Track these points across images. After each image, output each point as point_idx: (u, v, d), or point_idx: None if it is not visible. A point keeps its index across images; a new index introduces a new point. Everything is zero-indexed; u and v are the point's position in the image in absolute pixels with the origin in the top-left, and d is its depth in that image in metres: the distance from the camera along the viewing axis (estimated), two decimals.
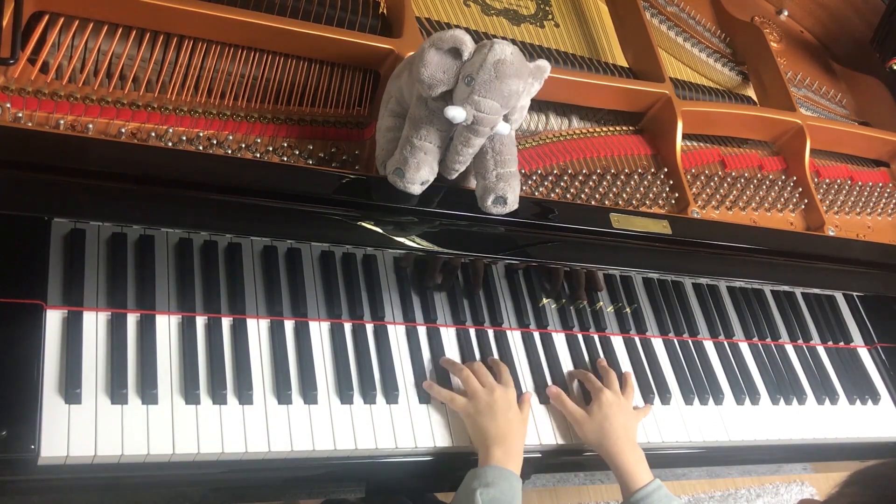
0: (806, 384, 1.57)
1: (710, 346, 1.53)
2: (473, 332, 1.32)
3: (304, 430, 1.11)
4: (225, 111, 1.23)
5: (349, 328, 1.23)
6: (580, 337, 1.41)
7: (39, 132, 1.06)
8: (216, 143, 1.19)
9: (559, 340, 1.39)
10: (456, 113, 1.07)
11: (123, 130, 1.13)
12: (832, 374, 1.62)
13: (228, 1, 1.20)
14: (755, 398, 1.48)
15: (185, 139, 1.18)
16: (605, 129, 1.56)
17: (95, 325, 1.07)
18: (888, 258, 1.62)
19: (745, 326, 1.58)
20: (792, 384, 1.55)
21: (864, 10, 2.04)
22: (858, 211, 1.79)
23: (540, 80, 1.17)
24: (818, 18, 2.09)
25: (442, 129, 1.14)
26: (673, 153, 1.52)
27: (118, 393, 1.02)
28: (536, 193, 1.39)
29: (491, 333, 1.33)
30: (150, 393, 1.04)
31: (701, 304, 1.56)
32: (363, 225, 1.17)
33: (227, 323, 1.15)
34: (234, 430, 1.07)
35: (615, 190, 1.47)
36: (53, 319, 1.04)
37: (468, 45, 1.08)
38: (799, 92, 1.91)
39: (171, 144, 1.16)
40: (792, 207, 1.67)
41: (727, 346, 1.54)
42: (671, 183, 1.51)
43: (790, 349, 1.62)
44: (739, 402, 1.46)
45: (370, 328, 1.25)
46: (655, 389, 1.40)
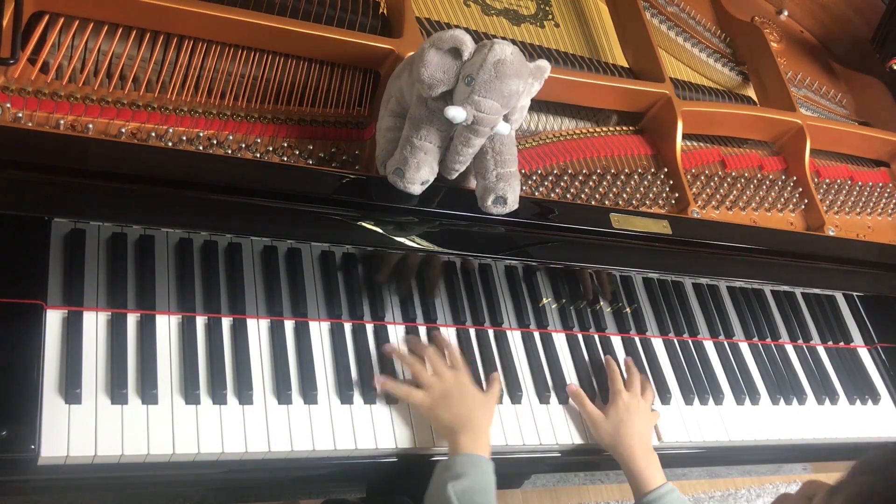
0: (806, 384, 1.57)
1: (710, 346, 1.53)
2: (473, 332, 1.32)
3: (304, 430, 1.11)
4: (225, 111, 1.23)
5: (349, 328, 1.23)
6: (580, 337, 1.41)
7: (39, 132, 1.06)
8: (216, 143, 1.19)
9: (559, 340, 1.39)
10: (456, 113, 1.07)
11: (123, 130, 1.13)
12: (832, 374, 1.62)
13: (228, 1, 1.20)
14: (755, 398, 1.48)
15: (185, 139, 1.18)
16: (605, 129, 1.56)
17: (95, 325, 1.07)
18: (888, 258, 1.62)
19: (745, 326, 1.58)
20: (792, 384, 1.55)
21: (864, 10, 2.04)
22: (858, 211, 1.79)
23: (540, 80, 1.17)
24: (818, 18, 2.09)
25: (442, 129, 1.14)
26: (673, 153, 1.52)
27: (118, 393, 1.02)
28: (536, 193, 1.39)
29: (491, 333, 1.33)
30: (150, 393, 1.04)
31: (701, 304, 1.56)
32: (363, 225, 1.17)
33: (227, 323, 1.15)
34: (234, 430, 1.07)
35: (615, 190, 1.47)
36: (53, 319, 1.04)
37: (468, 45, 1.08)
38: (799, 92, 1.91)
39: (171, 144, 1.16)
40: (792, 207, 1.67)
41: (727, 346, 1.54)
42: (671, 183, 1.51)
43: (790, 349, 1.62)
44: (739, 402, 1.46)
45: (370, 328, 1.25)
46: (655, 389, 1.40)
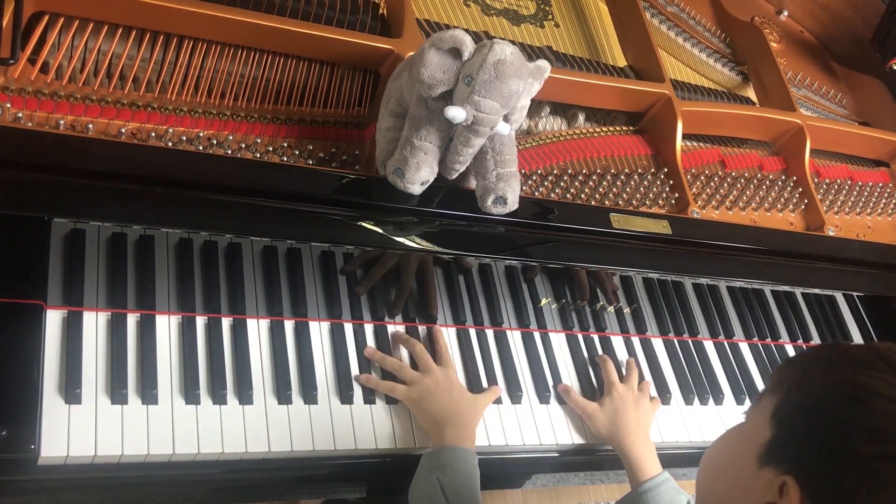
0: None
1: (710, 346, 1.53)
2: (473, 332, 1.32)
3: (304, 430, 1.11)
4: (225, 111, 1.23)
5: (349, 328, 1.23)
6: (580, 337, 1.41)
7: (39, 132, 1.06)
8: (216, 143, 1.19)
9: (559, 340, 1.39)
10: (456, 113, 1.07)
11: (123, 130, 1.13)
12: None
13: (228, 1, 1.20)
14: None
15: (185, 139, 1.18)
16: (605, 129, 1.56)
17: (95, 325, 1.07)
18: (888, 258, 1.61)
19: (745, 326, 1.59)
20: None
21: (864, 10, 2.04)
22: (858, 211, 1.78)
23: (540, 80, 1.17)
24: (818, 18, 2.09)
25: (442, 129, 1.14)
26: (673, 153, 1.52)
27: (118, 393, 1.02)
28: (536, 193, 1.39)
29: (491, 333, 1.33)
30: (150, 393, 1.04)
31: (701, 304, 1.56)
32: (363, 225, 1.17)
33: (227, 323, 1.15)
34: (234, 430, 1.07)
35: (615, 190, 1.46)
36: (53, 319, 1.04)
37: (468, 45, 1.08)
38: (799, 92, 1.91)
39: (171, 144, 1.16)
40: (792, 207, 1.67)
41: (727, 346, 1.54)
42: (671, 183, 1.51)
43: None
44: (739, 402, 1.46)
45: (370, 328, 1.25)
46: (655, 389, 1.40)
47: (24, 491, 1.01)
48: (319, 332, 1.21)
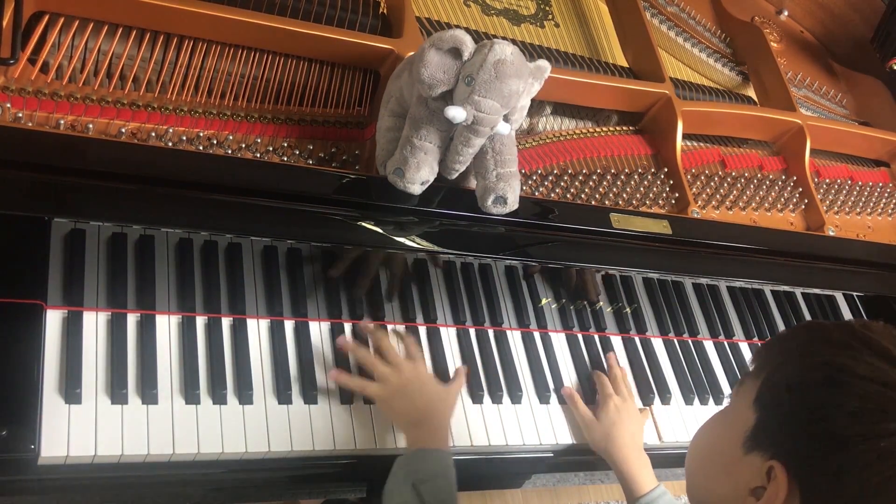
0: None
1: (710, 346, 1.53)
2: (473, 332, 1.32)
3: (304, 429, 1.11)
4: (225, 111, 1.23)
5: (349, 328, 1.23)
6: (580, 337, 1.41)
7: (39, 132, 1.06)
8: (216, 143, 1.19)
9: (559, 340, 1.39)
10: (456, 113, 1.07)
11: (123, 130, 1.13)
12: None
13: (228, 1, 1.20)
14: None
15: (185, 139, 1.18)
16: (605, 129, 1.56)
17: (95, 325, 1.06)
18: (888, 258, 1.62)
19: (745, 326, 1.58)
20: None
21: (864, 10, 2.04)
22: (858, 211, 1.78)
23: (540, 80, 1.17)
24: (818, 18, 2.09)
25: (442, 129, 1.14)
26: (673, 153, 1.52)
27: (118, 393, 1.02)
28: (536, 193, 1.39)
29: (491, 333, 1.33)
30: (150, 393, 1.04)
31: (701, 304, 1.56)
32: (363, 225, 1.17)
33: (227, 323, 1.15)
34: (234, 430, 1.07)
35: (615, 190, 1.47)
36: (53, 319, 1.04)
37: (468, 45, 1.08)
38: (799, 92, 1.91)
39: (171, 144, 1.16)
40: (792, 207, 1.67)
41: (727, 346, 1.54)
42: (671, 183, 1.51)
43: None
44: None
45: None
46: (655, 389, 1.40)
47: (24, 491, 1.00)
48: (320, 332, 1.21)
